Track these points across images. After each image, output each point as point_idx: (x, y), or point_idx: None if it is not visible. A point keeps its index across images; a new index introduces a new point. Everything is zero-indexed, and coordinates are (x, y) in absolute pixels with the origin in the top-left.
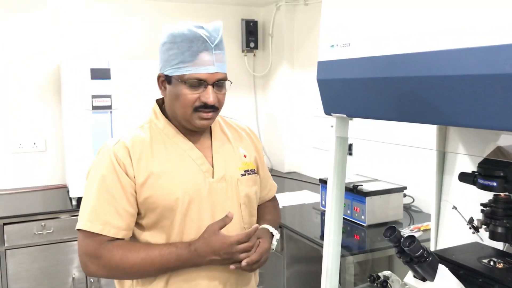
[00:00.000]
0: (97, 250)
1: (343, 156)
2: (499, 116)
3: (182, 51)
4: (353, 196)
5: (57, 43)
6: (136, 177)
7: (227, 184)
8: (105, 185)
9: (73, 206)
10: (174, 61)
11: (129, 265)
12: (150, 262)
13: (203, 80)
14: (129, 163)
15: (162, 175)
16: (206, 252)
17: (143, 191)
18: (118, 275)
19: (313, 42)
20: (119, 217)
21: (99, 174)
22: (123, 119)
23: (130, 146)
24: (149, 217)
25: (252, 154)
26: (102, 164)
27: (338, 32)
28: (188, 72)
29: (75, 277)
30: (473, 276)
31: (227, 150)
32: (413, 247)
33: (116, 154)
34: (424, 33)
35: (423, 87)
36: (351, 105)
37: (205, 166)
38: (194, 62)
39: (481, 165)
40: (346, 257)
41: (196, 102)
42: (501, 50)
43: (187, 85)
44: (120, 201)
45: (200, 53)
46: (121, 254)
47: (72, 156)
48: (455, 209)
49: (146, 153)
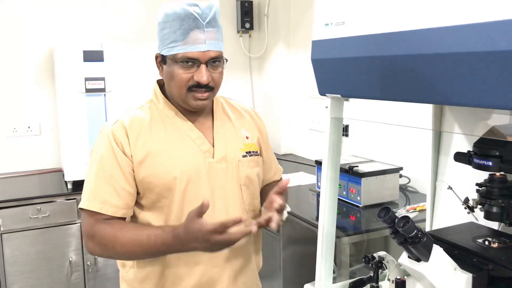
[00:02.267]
0: (92, 228)
1: (338, 137)
2: (494, 94)
3: (174, 30)
4: (348, 177)
5: (51, 26)
6: (134, 156)
7: (228, 164)
8: (104, 165)
9: (69, 189)
10: (167, 40)
11: (119, 244)
12: (138, 243)
13: (195, 59)
14: (126, 142)
15: (160, 154)
16: (187, 238)
17: (140, 170)
18: (111, 253)
19: (309, 22)
20: (117, 196)
21: (98, 154)
22: (117, 101)
23: (128, 125)
24: (147, 197)
25: (255, 136)
26: (101, 145)
27: (332, 10)
28: (180, 51)
29: (72, 260)
30: (468, 256)
31: (228, 131)
32: (407, 227)
33: (114, 133)
34: (418, 10)
35: (418, 66)
36: (346, 85)
37: (205, 146)
38: (185, 41)
39: (476, 144)
40: (341, 238)
41: (189, 82)
42: (496, 27)
43: (179, 64)
44: (118, 180)
45: (191, 31)
46: (112, 233)
47: (67, 140)
48: (451, 189)
49: (144, 133)
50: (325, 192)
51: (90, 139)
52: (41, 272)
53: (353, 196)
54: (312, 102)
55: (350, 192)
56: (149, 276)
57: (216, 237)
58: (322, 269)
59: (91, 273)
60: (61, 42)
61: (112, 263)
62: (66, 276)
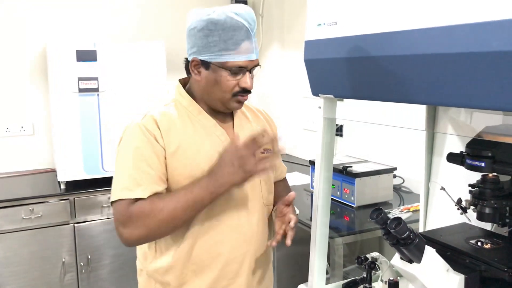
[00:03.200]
0: (125, 212)
1: (331, 137)
2: (486, 95)
3: (225, 39)
4: (342, 177)
5: (44, 26)
6: (167, 146)
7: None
8: (140, 154)
9: (62, 190)
10: (215, 48)
11: (158, 210)
12: (176, 200)
13: (244, 67)
14: (159, 134)
15: (190, 147)
16: (221, 169)
17: (172, 161)
18: (151, 225)
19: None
20: (155, 183)
21: (132, 146)
22: (111, 101)
23: (158, 119)
24: (173, 188)
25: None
26: (134, 138)
27: (325, 11)
28: (231, 60)
29: (65, 261)
30: (461, 257)
31: (247, 129)
32: (399, 229)
33: (146, 126)
34: (411, 11)
35: (411, 66)
36: (339, 85)
37: (228, 142)
38: (237, 51)
39: (469, 145)
40: (335, 238)
41: (235, 88)
42: (488, 27)
43: (228, 72)
44: (156, 168)
45: (242, 42)
46: (149, 203)
47: (60, 140)
48: (444, 190)
49: (174, 126)
50: (318, 192)
51: (84, 139)
52: (34, 273)
53: (347, 196)
54: (306, 102)
55: (344, 192)
56: (172, 267)
57: (247, 149)
58: (316, 270)
59: (84, 273)
60: (54, 41)
61: (107, 263)
62: (59, 277)
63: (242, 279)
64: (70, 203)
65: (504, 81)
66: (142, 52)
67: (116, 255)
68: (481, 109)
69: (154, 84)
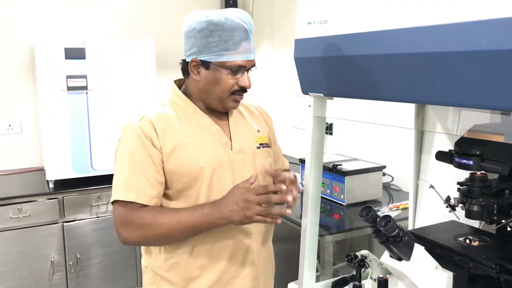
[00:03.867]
0: (128, 215)
1: (320, 135)
2: (475, 94)
3: (225, 39)
4: (332, 175)
5: (32, 23)
6: (163, 148)
7: (245, 155)
8: (135, 158)
9: (50, 189)
10: (216, 48)
11: (158, 225)
12: (177, 220)
13: (243, 67)
14: (155, 136)
15: (187, 146)
16: (226, 203)
17: (170, 161)
18: (148, 235)
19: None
20: (150, 186)
21: (128, 149)
22: (100, 99)
23: (155, 121)
24: (174, 187)
25: (265, 130)
26: (130, 140)
27: (315, 9)
28: (231, 59)
29: (53, 260)
30: (449, 254)
31: (242, 125)
32: (389, 227)
33: (142, 128)
34: (401, 10)
35: (400, 65)
36: (329, 84)
37: (224, 139)
38: (236, 51)
39: (457, 143)
40: (325, 236)
41: (234, 87)
42: (477, 27)
43: (228, 71)
44: (150, 171)
45: (242, 42)
46: (152, 215)
47: (48, 138)
48: (432, 188)
49: (170, 127)
50: (308, 191)
51: (72, 138)
52: (22, 272)
53: (336, 194)
54: (296, 100)
55: (334, 191)
56: (176, 264)
57: (255, 196)
58: (306, 268)
59: (73, 273)
60: (42, 39)
61: (96, 262)
62: (48, 277)
63: (246, 271)
64: (59, 202)
65: (492, 80)
66: (131, 50)
67: (105, 254)
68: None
69: (144, 82)
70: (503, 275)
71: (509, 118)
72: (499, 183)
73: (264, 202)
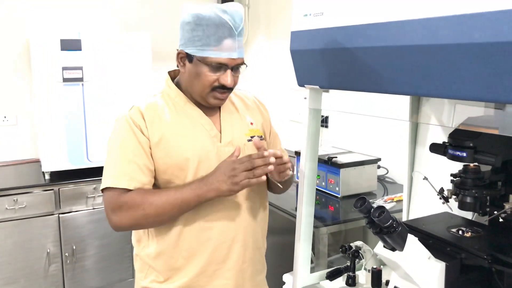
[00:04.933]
0: (118, 199)
1: (316, 128)
2: (469, 86)
3: (208, 34)
4: (327, 167)
5: (28, 15)
6: (151, 137)
7: (234, 148)
8: (126, 145)
9: (46, 180)
10: (198, 42)
11: (148, 204)
12: (166, 197)
13: (225, 64)
14: (144, 125)
15: (174, 136)
16: (213, 176)
17: (156, 151)
18: (139, 217)
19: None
20: (141, 172)
21: (119, 137)
22: (96, 91)
23: (144, 110)
24: (161, 177)
25: (259, 122)
26: (121, 129)
27: (311, 1)
28: (211, 56)
29: (49, 251)
30: (442, 245)
31: (234, 118)
32: (383, 217)
33: (132, 117)
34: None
35: (395, 57)
36: (324, 76)
37: (214, 131)
38: (218, 47)
39: (451, 135)
40: (319, 228)
41: (214, 83)
42: (471, 19)
43: (209, 67)
44: (141, 158)
45: (225, 39)
46: (141, 196)
47: (44, 130)
48: (426, 179)
49: (158, 117)
50: (303, 182)
51: (68, 129)
52: (18, 264)
53: (332, 186)
54: (292, 93)
55: (329, 183)
56: (161, 252)
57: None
58: (300, 259)
59: (69, 264)
60: (38, 30)
61: (92, 254)
62: (43, 268)
63: (231, 262)
64: (55, 193)
65: (486, 73)
66: (127, 42)
67: (101, 246)
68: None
69: (139, 74)
70: (495, 266)
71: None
72: (492, 175)
73: (250, 167)
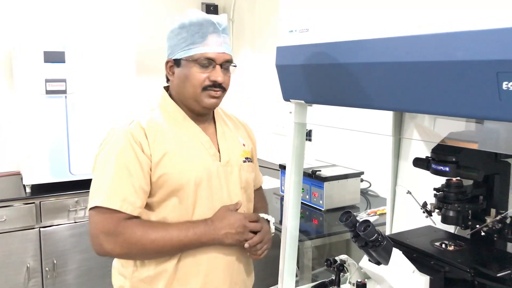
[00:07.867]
0: (116, 227)
1: (301, 141)
2: (450, 102)
3: (192, 33)
4: (311, 181)
5: (10, 25)
6: (153, 155)
7: (232, 168)
8: (123, 163)
9: (27, 193)
10: (184, 43)
11: (149, 241)
12: (169, 237)
13: (212, 59)
14: (146, 143)
15: (176, 154)
16: (222, 225)
17: (157, 169)
18: (135, 252)
19: (274, 27)
20: (136, 194)
21: (115, 152)
22: (79, 103)
23: (146, 126)
24: (159, 196)
25: (249, 145)
26: (118, 143)
27: (296, 18)
28: (198, 52)
29: (29, 266)
30: (426, 258)
31: (230, 137)
32: (368, 231)
33: (132, 133)
34: (380, 19)
35: (379, 74)
36: (310, 91)
37: (212, 150)
38: (204, 43)
39: (434, 150)
40: (304, 241)
41: (205, 81)
42: (453, 37)
43: (197, 64)
44: (137, 179)
45: (209, 34)
46: (142, 231)
47: (26, 142)
48: (410, 193)
49: (160, 134)
50: (289, 196)
51: (50, 142)
52: None
53: (315, 200)
54: (276, 106)
55: (313, 196)
56: (159, 275)
57: (250, 224)
58: (285, 273)
59: (49, 279)
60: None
61: (73, 268)
62: (23, 283)
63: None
64: (36, 207)
65: (468, 90)
66: (111, 54)
67: (82, 260)
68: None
69: (123, 86)
70: (477, 279)
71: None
72: (474, 189)
73: (259, 229)
